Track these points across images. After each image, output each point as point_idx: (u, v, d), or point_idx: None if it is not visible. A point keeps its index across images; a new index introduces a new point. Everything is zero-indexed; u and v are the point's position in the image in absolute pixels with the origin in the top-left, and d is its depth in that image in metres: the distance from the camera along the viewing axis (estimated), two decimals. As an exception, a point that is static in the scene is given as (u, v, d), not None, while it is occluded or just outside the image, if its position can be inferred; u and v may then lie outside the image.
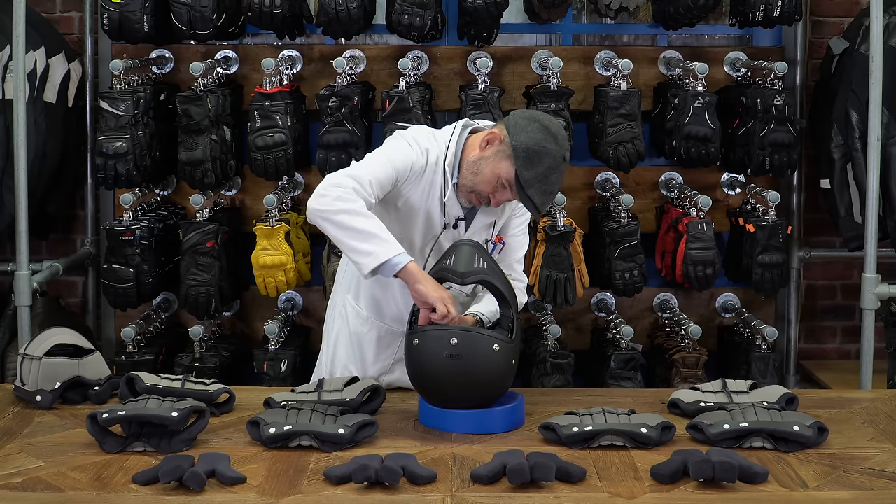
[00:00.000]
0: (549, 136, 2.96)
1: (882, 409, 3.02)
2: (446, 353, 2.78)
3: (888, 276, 4.30)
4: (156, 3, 4.28)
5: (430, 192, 3.08)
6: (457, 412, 2.82)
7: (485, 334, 2.83)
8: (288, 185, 4.61)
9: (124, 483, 2.45)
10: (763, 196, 4.44)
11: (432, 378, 2.82)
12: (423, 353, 2.81)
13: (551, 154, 2.94)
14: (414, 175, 3.05)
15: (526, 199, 2.97)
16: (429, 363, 2.81)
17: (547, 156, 2.93)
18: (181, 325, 4.79)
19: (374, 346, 3.28)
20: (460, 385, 2.80)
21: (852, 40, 4.50)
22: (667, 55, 4.73)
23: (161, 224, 4.50)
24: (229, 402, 2.97)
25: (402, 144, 3.08)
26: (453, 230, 3.12)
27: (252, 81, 4.64)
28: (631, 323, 4.54)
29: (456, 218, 3.11)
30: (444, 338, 2.79)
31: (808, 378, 4.95)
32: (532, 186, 2.94)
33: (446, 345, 2.78)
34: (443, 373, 2.79)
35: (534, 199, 2.95)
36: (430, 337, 2.81)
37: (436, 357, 2.79)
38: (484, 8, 4.24)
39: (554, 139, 2.96)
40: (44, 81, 4.50)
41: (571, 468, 2.47)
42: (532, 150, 2.93)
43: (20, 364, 3.06)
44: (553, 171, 2.94)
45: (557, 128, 3.00)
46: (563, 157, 2.96)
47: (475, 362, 2.78)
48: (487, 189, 3.01)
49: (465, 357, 2.78)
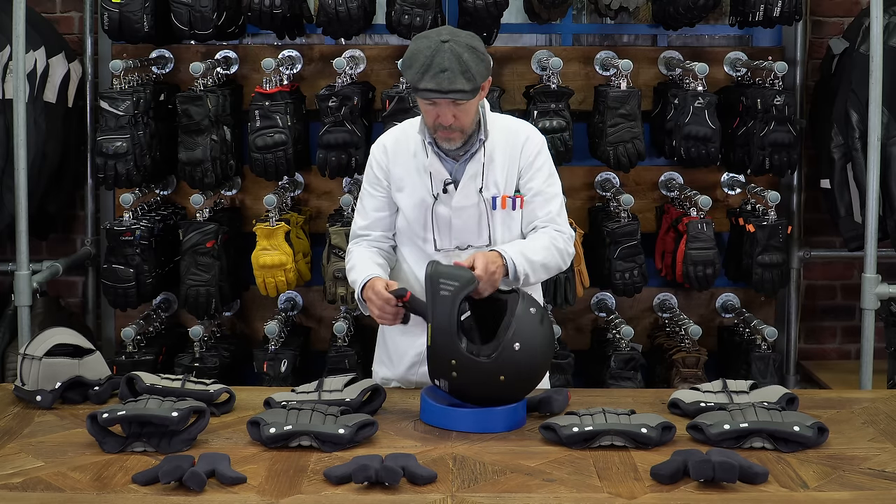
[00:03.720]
0: (421, 37, 2.97)
1: (882, 409, 3.02)
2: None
3: (888, 276, 4.30)
4: (156, 3, 4.29)
5: (409, 171, 3.13)
6: (459, 410, 2.82)
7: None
8: (288, 185, 4.61)
9: (124, 483, 2.44)
10: (763, 196, 4.44)
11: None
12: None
13: (423, 47, 2.93)
14: (390, 173, 3.14)
15: (423, 93, 2.94)
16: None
17: (419, 52, 2.93)
18: (181, 325, 4.80)
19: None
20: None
21: (852, 40, 4.51)
22: (667, 55, 4.73)
23: (161, 224, 4.50)
24: (229, 402, 2.97)
25: (367, 166, 3.23)
26: (444, 195, 3.11)
27: (252, 81, 4.64)
28: (631, 323, 4.54)
29: (444, 182, 3.10)
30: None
31: (808, 378, 4.95)
32: (419, 81, 2.92)
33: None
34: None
35: (428, 87, 2.91)
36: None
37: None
38: (484, 8, 4.24)
39: (425, 37, 2.96)
40: (44, 81, 4.50)
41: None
42: (405, 60, 2.97)
43: (20, 364, 3.06)
44: (432, 56, 2.91)
45: (436, 29, 3.02)
46: (441, 41, 2.92)
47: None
48: (430, 119, 3.03)
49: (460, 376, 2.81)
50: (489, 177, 3.11)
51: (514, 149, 3.14)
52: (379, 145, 3.21)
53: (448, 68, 2.90)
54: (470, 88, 2.93)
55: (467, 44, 2.95)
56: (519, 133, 3.16)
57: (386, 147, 3.18)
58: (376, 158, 3.19)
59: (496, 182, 3.12)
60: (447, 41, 2.93)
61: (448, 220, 3.12)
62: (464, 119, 3.01)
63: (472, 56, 2.93)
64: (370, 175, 3.21)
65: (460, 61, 2.91)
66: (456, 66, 2.91)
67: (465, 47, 2.93)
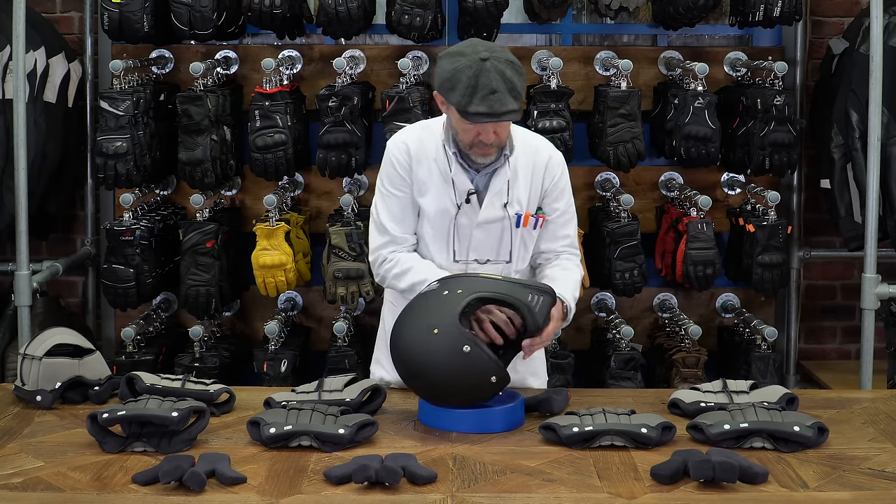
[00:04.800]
0: (454, 56, 2.86)
1: (882, 409, 3.02)
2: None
3: (888, 276, 4.30)
4: (156, 3, 4.29)
5: (432, 177, 3.07)
6: (457, 411, 2.82)
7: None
8: (288, 185, 4.61)
9: (124, 483, 2.44)
10: (763, 196, 4.44)
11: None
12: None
13: (463, 67, 2.82)
14: (413, 174, 3.07)
15: (474, 117, 2.84)
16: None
17: (459, 72, 2.82)
18: (181, 325, 4.80)
19: None
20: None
21: (852, 40, 4.51)
22: (667, 55, 4.73)
23: (161, 224, 4.50)
24: (229, 402, 2.97)
25: (383, 170, 3.13)
26: (467, 206, 3.08)
27: (252, 81, 4.64)
28: (631, 323, 4.54)
29: (468, 192, 3.06)
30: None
31: (808, 378, 4.95)
32: (468, 104, 2.82)
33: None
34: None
35: (479, 111, 2.82)
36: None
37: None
38: (484, 8, 4.24)
39: (460, 55, 2.85)
40: (44, 81, 4.50)
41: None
42: (445, 81, 2.85)
43: (20, 364, 3.06)
44: (477, 76, 2.81)
45: (463, 44, 2.90)
46: (481, 58, 2.81)
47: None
48: (468, 137, 2.96)
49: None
50: (513, 193, 3.09)
51: (538, 168, 3.11)
52: (399, 145, 3.10)
53: (496, 89, 2.81)
54: (519, 107, 2.87)
55: (506, 59, 2.86)
56: (541, 151, 3.13)
57: (409, 147, 3.08)
58: (397, 158, 3.08)
59: (519, 199, 3.10)
60: (487, 59, 2.82)
61: (469, 233, 3.10)
62: (503, 135, 2.97)
63: (514, 72, 2.85)
64: (393, 175, 3.09)
65: (505, 79, 2.83)
66: (503, 85, 2.82)
67: (506, 63, 2.85)
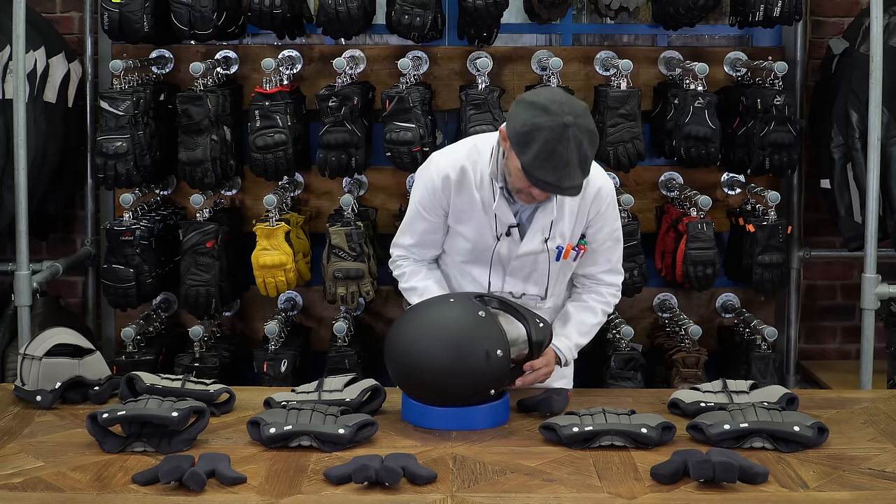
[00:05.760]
0: (537, 110, 2.75)
1: (882, 409, 3.02)
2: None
3: (888, 276, 4.30)
4: (156, 3, 4.28)
5: (473, 207, 3.05)
6: (436, 409, 2.82)
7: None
8: (288, 185, 4.61)
9: (124, 483, 2.44)
10: (763, 196, 4.44)
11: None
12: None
13: (544, 128, 2.72)
14: (451, 205, 3.07)
15: (538, 183, 2.78)
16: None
17: (538, 131, 2.73)
18: (181, 325, 4.79)
19: None
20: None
21: (852, 40, 4.50)
22: (667, 55, 4.73)
23: (161, 224, 4.50)
24: (229, 402, 2.97)
25: (419, 187, 3.12)
26: (507, 238, 3.06)
27: (252, 81, 4.64)
28: (631, 323, 4.54)
29: (508, 226, 3.04)
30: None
31: (808, 378, 4.95)
32: (537, 169, 2.75)
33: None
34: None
35: (546, 179, 2.76)
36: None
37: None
38: (484, 8, 4.24)
39: (544, 111, 2.74)
40: (44, 81, 4.50)
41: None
42: (521, 133, 2.76)
43: (20, 364, 3.06)
44: (555, 142, 2.72)
45: (549, 97, 2.79)
46: (564, 124, 2.72)
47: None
48: (522, 185, 2.87)
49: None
50: (557, 228, 3.07)
51: (586, 199, 3.06)
52: (442, 173, 3.05)
53: (569, 162, 2.73)
54: (584, 181, 2.83)
55: (587, 128, 2.76)
56: (591, 182, 3.03)
57: (450, 177, 3.04)
58: (437, 186, 3.06)
59: (563, 233, 3.08)
60: (570, 125, 2.72)
61: (507, 264, 3.10)
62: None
63: (590, 144, 2.77)
64: (427, 201, 3.09)
65: (580, 153, 2.74)
66: (576, 158, 2.74)
67: (586, 132, 2.75)
